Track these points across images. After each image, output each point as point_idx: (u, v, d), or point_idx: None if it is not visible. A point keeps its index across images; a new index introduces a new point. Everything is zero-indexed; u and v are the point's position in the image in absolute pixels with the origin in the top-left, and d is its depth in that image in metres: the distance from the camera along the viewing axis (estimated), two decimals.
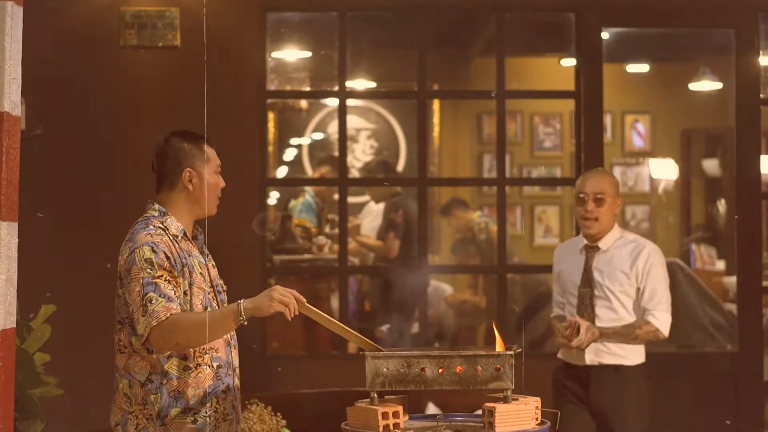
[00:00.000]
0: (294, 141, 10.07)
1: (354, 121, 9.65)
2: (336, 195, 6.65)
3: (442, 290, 8.15)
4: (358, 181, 8.67)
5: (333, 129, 9.20)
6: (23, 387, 4.52)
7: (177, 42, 6.09)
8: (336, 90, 6.44)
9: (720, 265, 9.14)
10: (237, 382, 3.66)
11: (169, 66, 6.11)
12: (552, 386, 5.02)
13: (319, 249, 7.66)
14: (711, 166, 10.22)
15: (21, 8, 3.08)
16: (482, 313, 8.06)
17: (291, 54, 8.28)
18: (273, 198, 8.59)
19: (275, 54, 8.02)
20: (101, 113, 6.08)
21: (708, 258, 9.29)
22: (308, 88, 8.60)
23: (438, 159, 10.01)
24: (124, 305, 3.48)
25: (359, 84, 8.60)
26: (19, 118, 3.10)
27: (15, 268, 3.15)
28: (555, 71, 8.77)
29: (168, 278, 3.43)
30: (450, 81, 9.43)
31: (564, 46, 6.85)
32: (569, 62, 7.17)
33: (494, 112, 6.58)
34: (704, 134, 10.44)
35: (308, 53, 8.32)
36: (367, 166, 9.05)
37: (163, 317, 3.35)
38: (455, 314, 8.17)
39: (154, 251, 3.44)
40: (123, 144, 5.98)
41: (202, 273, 3.58)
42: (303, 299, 3.40)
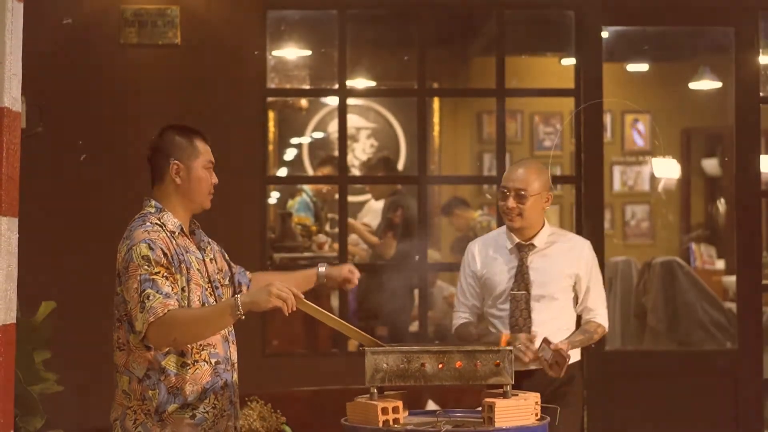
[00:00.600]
0: (294, 140, 10.06)
1: (354, 120, 9.64)
2: (336, 195, 6.65)
3: (442, 289, 8.14)
4: (359, 179, 8.65)
5: (333, 128, 9.18)
6: (23, 383, 4.52)
7: (177, 40, 6.09)
8: (336, 88, 6.44)
9: (720, 264, 9.14)
10: (236, 378, 3.65)
11: (170, 64, 6.11)
12: None
13: (319, 247, 7.65)
14: (711, 166, 10.22)
15: (21, 4, 3.08)
16: None
17: (291, 52, 8.28)
18: (273, 197, 8.58)
19: (275, 52, 8.02)
20: (102, 111, 6.08)
21: (708, 257, 9.30)
22: (308, 87, 8.60)
23: (438, 158, 9.99)
24: (123, 303, 3.47)
25: (359, 83, 8.59)
26: (20, 114, 3.10)
27: (15, 264, 3.16)
28: (555, 70, 8.76)
29: (165, 275, 3.41)
30: (450, 80, 9.42)
31: (564, 45, 6.86)
32: (569, 61, 7.17)
33: (494, 112, 6.58)
34: (704, 133, 10.44)
35: (308, 51, 8.32)
36: (368, 163, 9.03)
37: (161, 313, 3.33)
38: None
39: (151, 248, 3.42)
40: (123, 141, 5.98)
41: (200, 269, 3.56)
42: (301, 295, 3.39)
